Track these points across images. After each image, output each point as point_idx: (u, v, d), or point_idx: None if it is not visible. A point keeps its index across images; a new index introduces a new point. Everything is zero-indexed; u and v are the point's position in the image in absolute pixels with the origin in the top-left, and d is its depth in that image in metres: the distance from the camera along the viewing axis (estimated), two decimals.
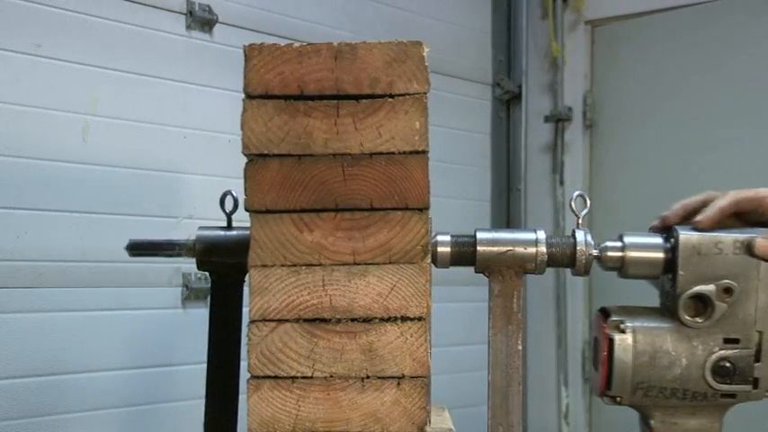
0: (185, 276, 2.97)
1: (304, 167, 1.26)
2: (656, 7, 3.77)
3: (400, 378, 1.27)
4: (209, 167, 3.03)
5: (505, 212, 4.13)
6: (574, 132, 3.99)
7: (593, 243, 1.45)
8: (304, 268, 1.27)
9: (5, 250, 2.58)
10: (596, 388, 1.45)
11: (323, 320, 1.27)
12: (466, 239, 1.46)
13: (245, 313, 1.52)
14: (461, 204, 3.77)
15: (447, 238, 1.46)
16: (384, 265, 1.27)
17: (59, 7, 2.71)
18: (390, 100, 1.25)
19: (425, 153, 1.26)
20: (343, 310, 1.26)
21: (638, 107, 3.81)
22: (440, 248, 1.44)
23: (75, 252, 2.73)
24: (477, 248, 1.44)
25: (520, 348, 1.45)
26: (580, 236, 1.45)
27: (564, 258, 1.45)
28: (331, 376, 1.27)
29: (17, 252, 2.61)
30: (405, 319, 1.27)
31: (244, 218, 1.54)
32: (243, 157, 3.02)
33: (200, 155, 3.03)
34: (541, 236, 1.45)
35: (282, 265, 1.27)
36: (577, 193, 1.51)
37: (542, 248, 1.44)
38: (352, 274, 1.26)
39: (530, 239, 1.45)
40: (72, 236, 2.72)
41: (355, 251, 1.26)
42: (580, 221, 1.48)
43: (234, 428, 1.55)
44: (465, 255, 1.45)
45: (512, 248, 1.44)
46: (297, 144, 1.25)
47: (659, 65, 3.70)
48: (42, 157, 2.67)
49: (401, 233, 1.26)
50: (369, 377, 1.27)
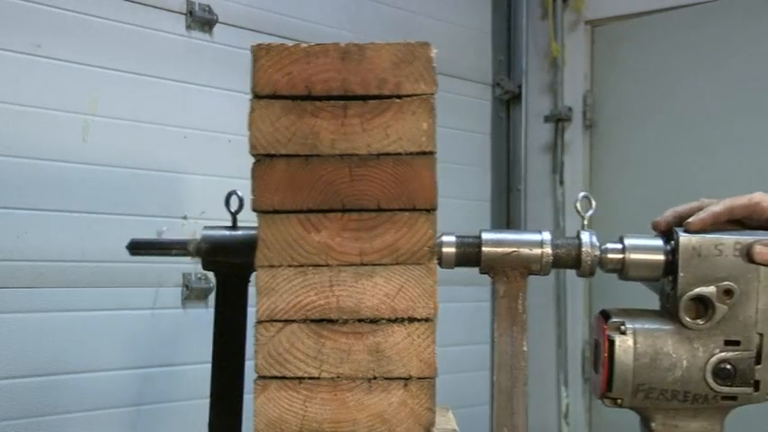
0: (185, 276, 2.97)
1: (311, 168, 1.25)
2: (656, 7, 3.76)
3: (407, 379, 1.26)
4: (209, 167, 3.03)
5: (505, 213, 4.13)
6: (574, 132, 3.99)
7: (598, 244, 1.45)
8: (311, 269, 1.26)
9: (5, 250, 2.58)
10: (597, 390, 1.45)
11: (330, 321, 1.26)
12: (471, 240, 1.45)
13: (249, 313, 1.52)
14: (461, 204, 3.76)
15: (452, 238, 1.45)
16: (391, 265, 1.26)
17: (59, 7, 2.71)
18: (398, 101, 1.25)
19: (433, 154, 1.25)
20: (351, 310, 1.26)
21: (638, 107, 3.81)
22: (445, 249, 1.44)
23: (75, 252, 2.73)
24: (483, 249, 1.44)
25: (525, 350, 1.45)
26: (585, 237, 1.45)
27: (569, 259, 1.45)
28: (338, 377, 1.26)
29: (17, 252, 2.61)
30: (412, 319, 1.26)
31: (245, 218, 1.54)
32: (243, 157, 3.02)
33: (200, 155, 3.02)
34: (546, 237, 1.45)
35: (289, 266, 1.26)
36: (583, 194, 1.51)
37: (548, 249, 1.44)
38: (359, 274, 1.26)
39: (535, 240, 1.44)
40: (72, 236, 2.72)
41: (362, 252, 1.26)
42: (585, 222, 1.48)
43: (239, 428, 1.55)
44: (470, 255, 1.45)
45: (517, 249, 1.44)
46: (304, 144, 1.25)
47: (659, 65, 3.70)
48: (42, 157, 2.66)
49: (408, 234, 1.26)
50: (376, 378, 1.26)
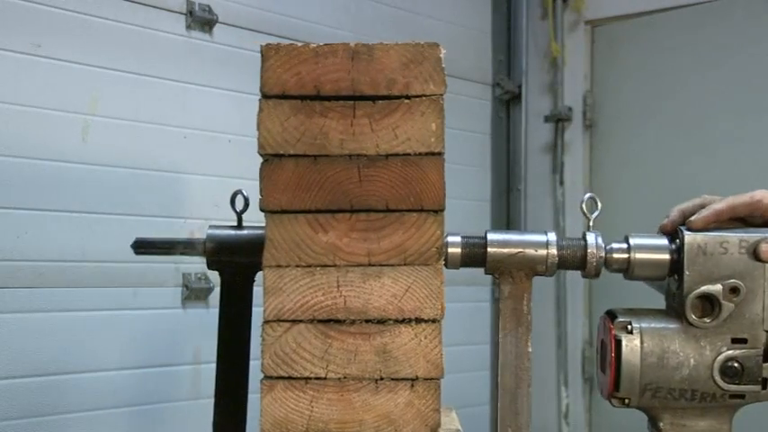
0: (185, 276, 2.97)
1: (320, 168, 1.25)
2: (656, 7, 3.77)
3: (414, 380, 1.26)
4: (209, 167, 3.03)
5: (505, 213, 4.13)
6: (574, 132, 3.99)
7: (603, 246, 1.45)
8: (319, 269, 1.26)
9: (5, 250, 2.58)
10: (604, 391, 1.45)
11: (337, 321, 1.26)
12: (476, 241, 1.45)
13: (254, 313, 1.52)
14: (461, 204, 3.76)
15: (458, 239, 1.45)
16: (399, 266, 1.26)
17: (59, 7, 2.71)
18: (407, 101, 1.25)
19: (441, 155, 1.26)
20: (358, 311, 1.26)
21: (638, 107, 3.81)
22: (450, 249, 1.44)
23: (75, 252, 2.73)
24: (488, 250, 1.44)
25: (529, 350, 1.44)
26: (591, 238, 1.45)
27: (575, 261, 1.45)
28: (345, 377, 1.26)
29: (17, 252, 2.61)
30: (419, 320, 1.26)
31: (246, 218, 1.54)
32: (243, 157, 3.02)
33: (201, 155, 3.03)
34: (552, 238, 1.44)
35: (297, 266, 1.26)
36: (588, 195, 1.50)
37: (553, 251, 1.44)
38: (366, 275, 1.26)
39: (540, 241, 1.44)
40: (72, 236, 2.72)
41: (370, 252, 1.26)
42: (591, 224, 1.48)
43: (243, 428, 1.55)
44: (475, 256, 1.45)
45: (522, 250, 1.44)
46: (313, 144, 1.25)
47: (659, 65, 3.70)
48: (42, 157, 2.66)
49: (416, 235, 1.26)
50: (382, 378, 1.26)
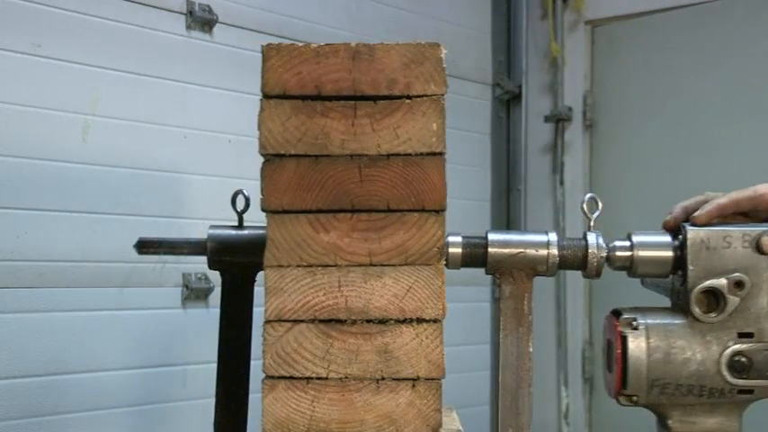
0: (185, 276, 2.97)
1: (321, 168, 1.25)
2: (656, 7, 3.77)
3: (415, 380, 1.26)
4: (209, 167, 3.03)
5: (505, 213, 4.13)
6: (574, 132, 3.99)
7: (604, 246, 1.45)
8: (320, 269, 1.26)
9: (5, 250, 2.58)
10: (611, 389, 1.44)
11: (338, 321, 1.26)
12: (477, 241, 1.45)
13: (255, 313, 1.52)
14: (461, 204, 3.76)
15: (458, 239, 1.45)
16: (400, 266, 1.26)
17: (59, 7, 2.71)
18: (408, 101, 1.25)
19: (442, 155, 1.25)
20: (359, 311, 1.26)
21: (638, 107, 3.81)
22: (451, 249, 1.43)
23: (75, 252, 2.73)
24: (489, 250, 1.44)
25: (531, 350, 1.44)
26: (592, 238, 1.45)
27: (575, 261, 1.45)
28: (346, 377, 1.26)
29: (17, 252, 2.60)
30: (420, 320, 1.26)
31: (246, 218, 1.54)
32: (243, 157, 3.02)
33: (200, 155, 3.02)
34: (553, 238, 1.44)
35: (298, 266, 1.26)
36: (589, 196, 1.50)
37: (554, 251, 1.44)
38: (368, 275, 1.26)
39: (541, 241, 1.44)
40: (72, 236, 2.72)
41: (371, 252, 1.26)
42: (592, 224, 1.48)
43: (244, 428, 1.55)
44: (476, 256, 1.45)
45: (523, 250, 1.44)
46: (314, 144, 1.25)
47: (659, 65, 3.70)
48: (42, 157, 2.66)
49: (417, 235, 1.26)
50: (384, 379, 1.26)
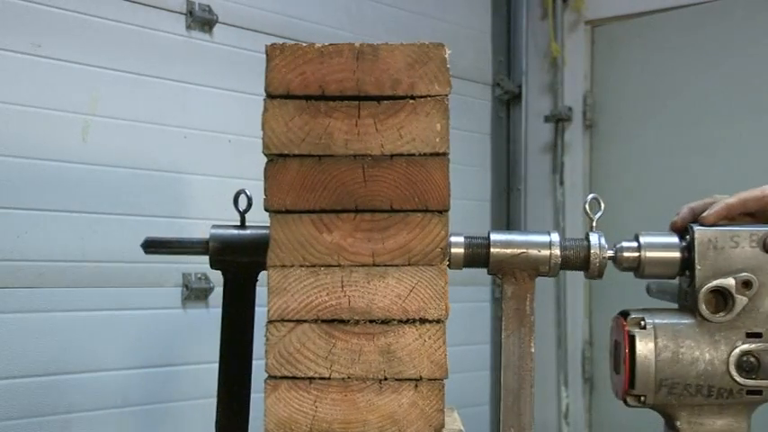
0: (185, 276, 2.97)
1: (324, 168, 1.25)
2: (656, 7, 3.77)
3: (418, 380, 1.26)
4: (209, 167, 3.03)
5: (505, 212, 4.13)
6: (574, 132, 3.99)
7: (607, 246, 1.45)
8: (323, 269, 1.26)
9: (5, 250, 2.58)
10: (619, 390, 1.44)
11: (341, 321, 1.26)
12: (480, 241, 1.45)
13: (257, 313, 1.52)
14: (461, 204, 3.74)
15: (461, 239, 1.45)
16: (403, 266, 1.26)
17: (59, 7, 2.71)
18: (412, 101, 1.25)
19: (446, 155, 1.25)
20: (362, 311, 1.26)
21: (638, 107, 3.81)
22: (454, 250, 1.44)
23: (75, 252, 2.73)
24: (491, 250, 1.44)
25: (532, 351, 1.44)
26: (594, 239, 1.45)
27: (578, 261, 1.45)
28: (348, 377, 1.26)
29: (17, 252, 2.60)
30: (423, 321, 1.26)
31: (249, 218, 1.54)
32: (243, 157, 3.01)
33: (201, 155, 3.02)
34: (555, 238, 1.44)
35: (301, 266, 1.26)
36: (592, 196, 1.50)
37: (556, 251, 1.44)
38: (371, 275, 1.26)
39: (543, 242, 1.44)
40: (72, 236, 2.72)
41: (374, 252, 1.26)
42: (594, 224, 1.48)
43: (246, 427, 1.55)
44: (478, 256, 1.45)
45: (525, 251, 1.44)
46: (317, 144, 1.25)
47: (659, 65, 3.70)
48: (42, 157, 2.66)
49: (421, 235, 1.26)
50: (386, 379, 1.26)
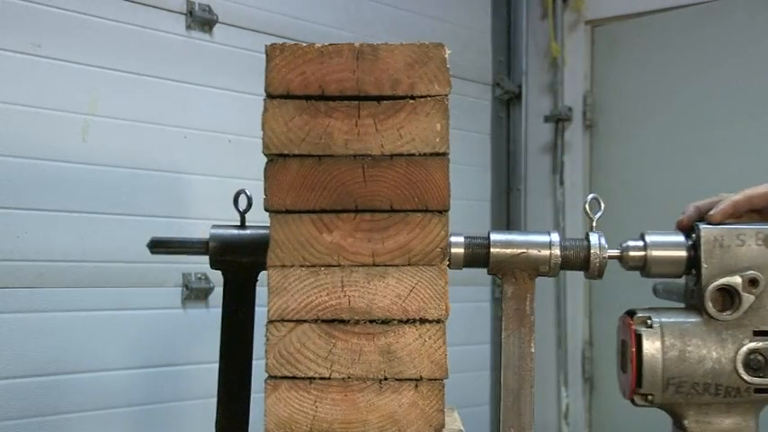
0: (185, 276, 2.97)
1: (324, 168, 1.25)
2: (656, 7, 3.77)
3: (418, 380, 1.26)
4: (209, 167, 3.03)
5: (505, 212, 4.13)
6: (574, 132, 3.99)
7: (607, 246, 1.45)
8: (323, 269, 1.26)
9: (5, 250, 2.58)
10: (626, 390, 1.44)
11: (341, 321, 1.26)
12: (480, 241, 1.45)
13: (257, 312, 1.52)
14: (461, 204, 3.73)
15: (461, 239, 1.45)
16: (403, 266, 1.26)
17: (59, 7, 2.71)
18: (411, 101, 1.25)
19: (446, 155, 1.25)
20: (362, 311, 1.26)
21: (638, 107, 3.81)
22: (454, 250, 1.44)
23: (75, 252, 2.73)
24: (491, 250, 1.44)
25: (533, 351, 1.44)
26: (594, 239, 1.45)
27: (578, 261, 1.45)
28: (349, 377, 1.26)
29: (17, 252, 2.60)
30: (423, 321, 1.26)
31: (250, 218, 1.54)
32: (243, 157, 3.01)
33: (200, 155, 3.02)
34: (555, 238, 1.44)
35: (301, 266, 1.26)
36: (592, 196, 1.50)
37: (556, 251, 1.44)
38: (371, 275, 1.26)
39: (543, 242, 1.44)
40: (72, 236, 2.72)
41: (375, 252, 1.26)
42: (594, 224, 1.48)
43: (246, 427, 1.55)
44: (478, 256, 1.45)
45: (525, 251, 1.44)
46: (317, 144, 1.25)
47: (659, 65, 3.70)
48: (42, 157, 2.66)
49: (421, 235, 1.26)
50: (387, 379, 1.26)
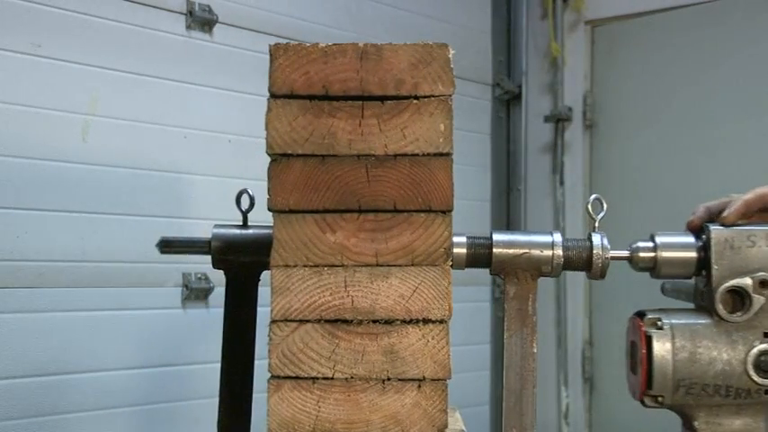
0: (185, 276, 2.97)
1: (328, 168, 1.25)
2: (656, 7, 3.77)
3: (421, 380, 1.26)
4: (209, 167, 3.03)
5: (505, 212, 4.13)
6: (574, 132, 3.99)
7: (609, 246, 1.45)
8: (326, 269, 1.26)
9: (5, 250, 2.58)
10: (636, 391, 1.44)
11: (344, 321, 1.26)
12: (482, 241, 1.45)
13: (259, 312, 1.52)
14: (461, 204, 3.70)
15: (463, 239, 1.45)
16: (407, 266, 1.26)
17: (59, 7, 2.70)
18: (415, 101, 1.25)
19: (449, 155, 1.25)
20: (365, 311, 1.26)
21: (638, 107, 3.81)
22: (456, 250, 1.44)
23: (75, 252, 2.72)
24: (494, 250, 1.44)
25: (535, 351, 1.44)
26: (596, 239, 1.45)
27: (580, 262, 1.45)
28: (352, 377, 1.26)
29: (17, 252, 2.60)
30: (426, 321, 1.26)
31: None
32: (243, 157, 3.00)
33: (200, 155, 3.02)
34: (558, 239, 1.45)
35: (305, 266, 1.26)
36: (594, 197, 1.50)
37: (558, 251, 1.44)
38: (374, 275, 1.26)
39: (546, 242, 1.44)
40: (72, 236, 2.71)
41: (378, 252, 1.26)
42: (597, 225, 1.48)
43: (248, 427, 1.55)
44: (481, 256, 1.45)
45: (528, 251, 1.44)
46: (321, 144, 1.25)
47: (659, 65, 3.70)
48: (42, 157, 2.66)
49: (424, 235, 1.26)
50: (390, 379, 1.26)
